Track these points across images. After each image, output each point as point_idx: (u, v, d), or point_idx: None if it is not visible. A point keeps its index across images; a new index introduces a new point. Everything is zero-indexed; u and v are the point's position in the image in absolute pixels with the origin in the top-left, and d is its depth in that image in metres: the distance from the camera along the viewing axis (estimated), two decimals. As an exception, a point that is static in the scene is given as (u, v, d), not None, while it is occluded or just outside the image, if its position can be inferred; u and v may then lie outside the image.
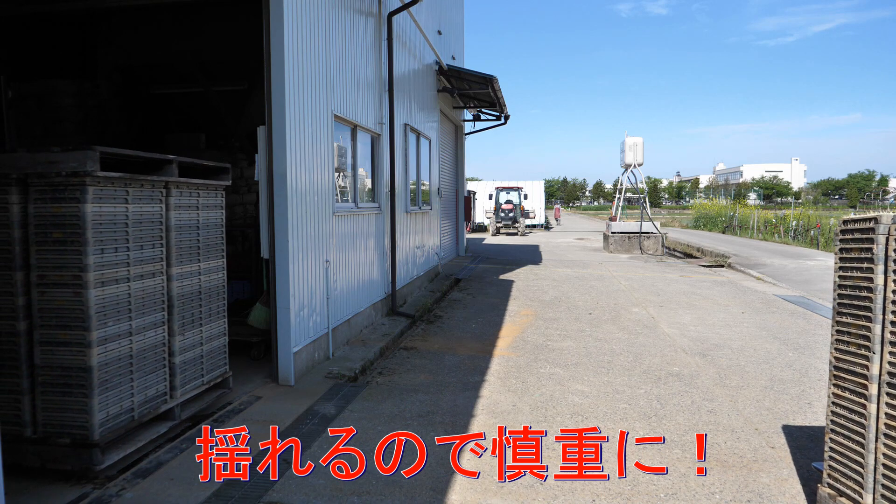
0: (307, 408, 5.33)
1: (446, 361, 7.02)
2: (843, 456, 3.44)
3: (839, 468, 3.47)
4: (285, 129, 5.80)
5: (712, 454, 4.55)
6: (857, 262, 3.34)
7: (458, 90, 14.35)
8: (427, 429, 4.95)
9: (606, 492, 3.96)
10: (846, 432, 3.42)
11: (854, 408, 3.36)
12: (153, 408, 4.34)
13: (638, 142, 22.09)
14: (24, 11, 7.12)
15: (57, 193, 3.74)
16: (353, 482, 4.01)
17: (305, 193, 6.29)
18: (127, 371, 4.06)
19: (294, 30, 5.95)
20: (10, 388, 3.82)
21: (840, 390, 3.46)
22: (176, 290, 4.54)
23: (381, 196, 9.15)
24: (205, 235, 4.89)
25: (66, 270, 3.76)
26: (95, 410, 3.79)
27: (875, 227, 3.21)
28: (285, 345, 5.93)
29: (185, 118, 10.84)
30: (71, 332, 3.77)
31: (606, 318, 9.53)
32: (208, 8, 8.21)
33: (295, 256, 6.05)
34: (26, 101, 8.72)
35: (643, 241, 20.98)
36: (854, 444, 3.36)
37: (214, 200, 5.04)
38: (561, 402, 5.65)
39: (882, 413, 3.21)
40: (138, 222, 4.17)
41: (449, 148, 17.23)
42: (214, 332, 5.06)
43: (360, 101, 8.07)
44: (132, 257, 4.11)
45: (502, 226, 32.52)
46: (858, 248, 3.34)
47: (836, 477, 3.49)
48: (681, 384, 6.21)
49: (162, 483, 3.93)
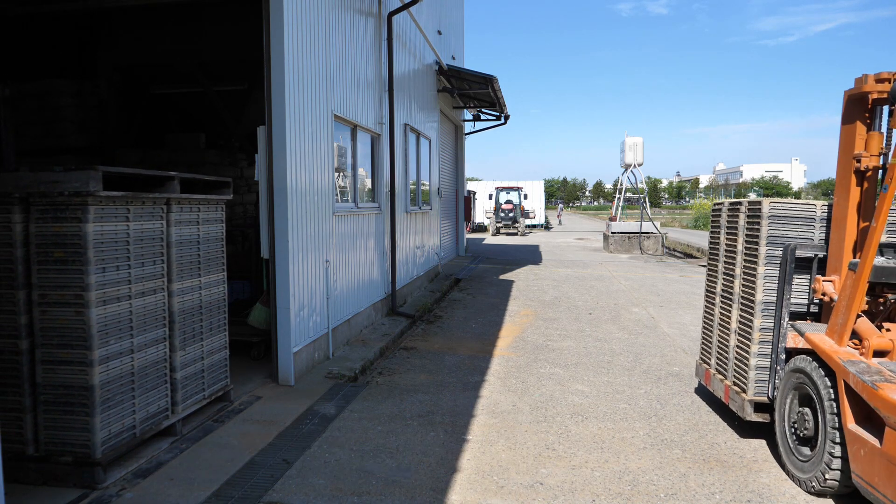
0: (307, 408, 5.33)
1: (446, 361, 7.03)
2: (704, 339, 5.66)
3: (703, 346, 5.69)
4: (285, 129, 5.80)
5: (713, 454, 4.55)
6: (714, 228, 5.50)
7: (458, 90, 14.35)
8: (427, 429, 4.95)
9: (606, 492, 3.97)
10: (705, 325, 5.64)
11: (708, 311, 5.58)
12: (155, 424, 4.34)
13: (638, 142, 22.09)
14: (24, 11, 7.11)
15: (59, 213, 3.75)
16: (354, 482, 4.02)
17: (305, 193, 6.29)
18: (128, 388, 4.07)
19: (294, 30, 5.95)
20: (12, 406, 3.84)
21: (706, 302, 5.66)
22: (177, 306, 4.54)
23: (381, 196, 9.15)
24: (205, 250, 4.89)
25: (67, 289, 3.77)
26: (97, 429, 3.80)
27: (720, 208, 5.35)
28: (285, 345, 5.93)
29: (185, 118, 10.85)
30: (73, 351, 3.79)
31: (606, 318, 9.53)
32: (208, 8, 8.21)
33: (295, 256, 6.05)
34: (26, 100, 8.72)
35: (643, 241, 20.98)
36: (707, 331, 5.61)
37: (215, 214, 5.02)
38: (561, 402, 5.65)
39: (717, 313, 5.35)
40: (139, 239, 4.17)
41: (449, 148, 17.23)
42: (215, 345, 5.06)
43: (360, 101, 8.07)
44: (133, 275, 4.11)
45: (502, 226, 32.50)
46: (715, 220, 5.45)
47: (701, 351, 5.72)
48: (681, 384, 6.21)
49: (162, 483, 3.93)
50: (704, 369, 5.55)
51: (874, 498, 3.45)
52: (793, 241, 4.60)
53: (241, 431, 4.78)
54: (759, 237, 4.69)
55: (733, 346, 5.01)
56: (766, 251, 4.64)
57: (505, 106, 16.05)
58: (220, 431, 4.76)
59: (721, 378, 5.18)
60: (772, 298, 4.64)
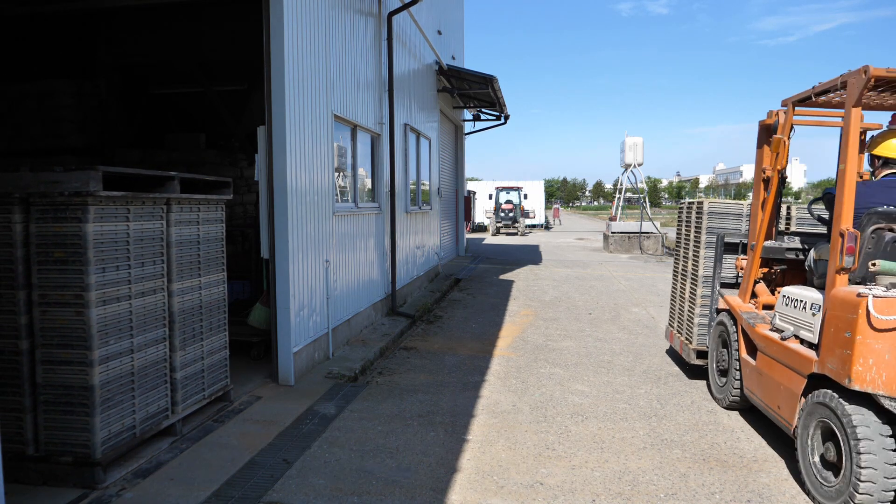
0: (307, 408, 5.33)
1: (446, 361, 7.02)
2: (671, 308, 6.95)
3: (670, 314, 6.97)
4: (285, 129, 5.80)
5: (713, 454, 4.55)
6: (678, 223, 6.90)
7: (458, 90, 14.35)
8: (427, 429, 4.95)
9: (606, 492, 3.96)
10: (671, 298, 6.97)
11: (674, 287, 6.93)
12: (155, 424, 4.34)
13: (638, 142, 22.09)
14: (25, 11, 7.11)
15: (59, 213, 3.75)
16: (354, 482, 4.02)
17: (305, 193, 6.28)
18: (128, 388, 4.07)
19: (294, 30, 5.95)
20: (12, 407, 3.83)
21: (672, 280, 6.96)
22: (177, 306, 4.53)
23: (381, 196, 9.15)
24: (205, 250, 4.88)
25: (67, 290, 3.77)
26: (97, 429, 3.79)
27: (682, 207, 6.80)
28: (285, 345, 5.93)
29: (185, 118, 10.84)
30: (73, 351, 3.78)
31: (606, 318, 9.53)
32: (208, 8, 8.21)
33: (295, 256, 6.05)
34: (26, 100, 8.71)
35: (643, 241, 20.97)
36: (673, 302, 6.87)
37: (215, 214, 5.02)
38: (561, 402, 5.65)
39: (678, 287, 6.72)
40: (139, 240, 4.16)
41: (449, 148, 17.22)
42: (215, 345, 5.05)
43: (360, 101, 8.07)
44: (133, 275, 4.10)
45: (502, 226, 32.49)
46: (679, 216, 6.84)
47: (669, 318, 7.01)
48: (681, 384, 6.21)
49: (162, 483, 3.93)
50: (670, 331, 6.96)
51: (753, 400, 4.92)
52: (724, 230, 6.02)
53: (241, 431, 4.78)
54: (701, 228, 6.18)
55: (686, 311, 6.43)
56: (706, 239, 6.12)
57: (505, 106, 16.05)
58: (220, 431, 4.76)
59: (678, 335, 6.64)
60: (710, 274, 6.05)
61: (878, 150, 4.45)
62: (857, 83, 3.86)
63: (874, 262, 3.84)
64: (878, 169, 4.48)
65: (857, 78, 3.87)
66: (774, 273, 5.40)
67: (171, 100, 10.77)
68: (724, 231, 5.99)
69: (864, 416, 3.54)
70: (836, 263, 3.88)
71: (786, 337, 4.44)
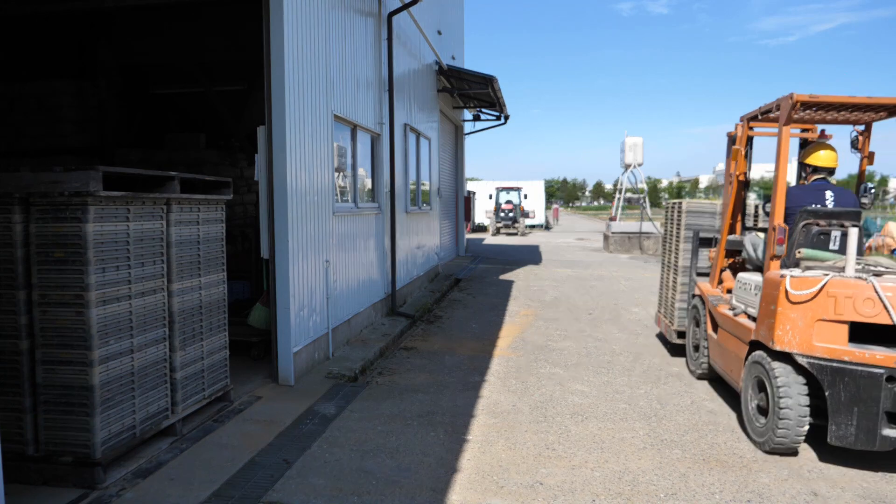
0: (307, 408, 5.33)
1: (446, 361, 7.02)
2: (659, 296, 7.78)
3: (658, 301, 7.84)
4: (285, 129, 5.80)
5: (712, 454, 4.55)
6: (664, 220, 7.74)
7: (457, 90, 14.35)
8: (427, 429, 4.95)
9: (606, 492, 3.96)
10: (660, 287, 7.74)
11: (662, 277, 7.68)
12: (155, 424, 4.34)
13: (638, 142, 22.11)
14: (24, 11, 7.11)
15: (59, 213, 3.75)
16: (354, 482, 4.02)
17: (305, 193, 6.28)
18: (128, 388, 4.07)
19: (294, 30, 5.95)
20: (12, 407, 3.83)
21: (661, 271, 7.73)
22: (177, 306, 4.53)
23: (380, 196, 9.15)
24: (205, 250, 4.88)
25: (67, 290, 3.76)
26: (97, 429, 3.79)
27: (668, 206, 7.55)
28: (285, 345, 5.92)
29: (185, 118, 10.85)
30: (73, 351, 3.78)
31: (606, 319, 9.53)
32: (208, 8, 8.21)
33: (295, 256, 6.05)
34: (26, 101, 8.72)
35: (643, 242, 20.97)
36: (661, 291, 7.72)
37: (215, 215, 5.01)
38: (561, 402, 5.65)
39: (663, 277, 7.63)
40: (139, 240, 4.16)
41: (449, 148, 17.22)
42: (215, 345, 5.05)
43: (359, 101, 8.07)
44: (133, 275, 4.10)
45: (502, 226, 32.48)
46: (667, 215, 7.60)
47: (658, 305, 7.87)
48: (681, 384, 6.22)
49: (162, 483, 3.93)
50: (658, 316, 7.86)
51: (716, 367, 5.82)
52: (700, 227, 6.83)
53: (241, 431, 4.78)
54: (681, 225, 7.02)
55: (670, 297, 7.31)
56: (685, 234, 6.98)
57: (505, 106, 16.05)
58: (220, 431, 4.76)
59: (664, 319, 7.54)
60: (688, 264, 6.91)
61: (808, 160, 5.37)
62: (786, 106, 4.69)
63: (799, 251, 4.78)
64: (808, 175, 5.38)
65: (786, 102, 4.70)
66: (738, 262, 6.17)
67: (172, 100, 10.77)
68: (700, 227, 6.81)
69: (783, 369, 4.43)
70: (770, 251, 4.80)
71: (737, 313, 5.33)
